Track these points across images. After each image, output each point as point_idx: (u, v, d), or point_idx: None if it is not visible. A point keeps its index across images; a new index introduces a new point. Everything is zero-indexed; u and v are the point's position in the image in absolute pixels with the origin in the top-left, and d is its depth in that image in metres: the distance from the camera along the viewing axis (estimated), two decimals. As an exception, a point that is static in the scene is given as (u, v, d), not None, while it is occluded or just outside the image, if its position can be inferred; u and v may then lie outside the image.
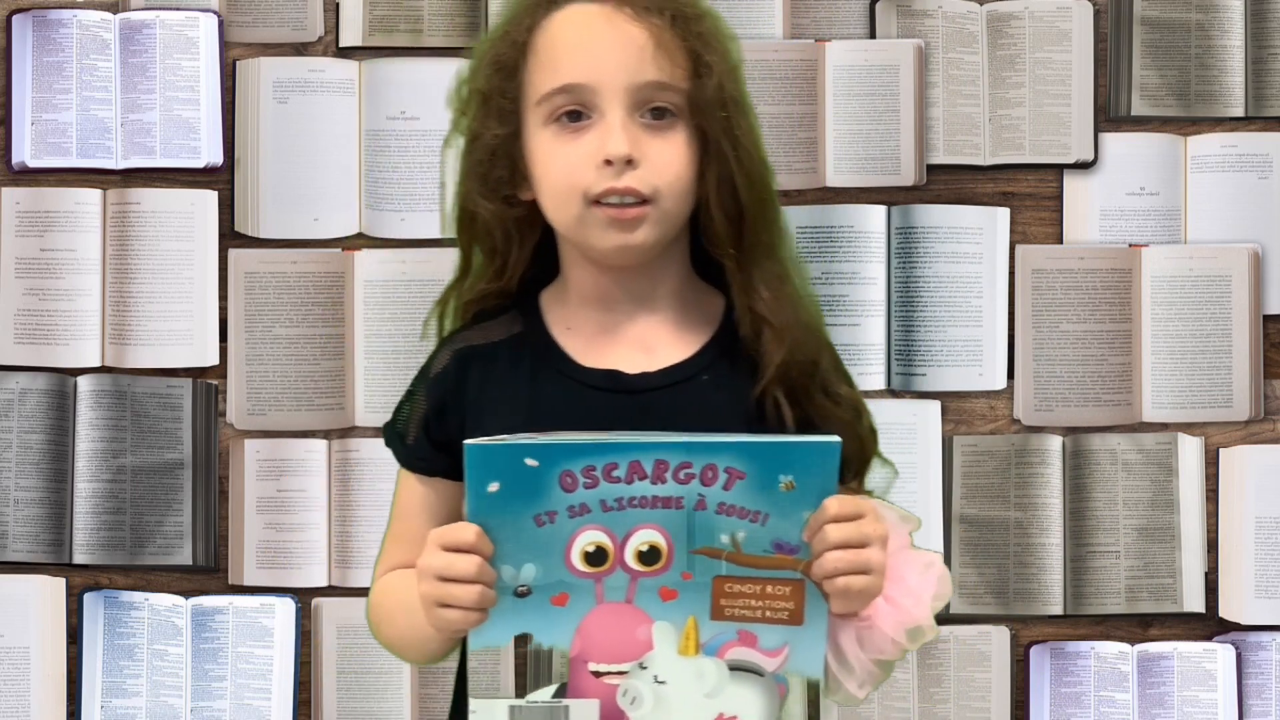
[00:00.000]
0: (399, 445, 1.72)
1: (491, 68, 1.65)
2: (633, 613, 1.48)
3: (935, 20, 2.85)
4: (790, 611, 1.47)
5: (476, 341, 1.69)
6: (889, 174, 2.83)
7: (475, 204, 1.67)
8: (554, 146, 1.61)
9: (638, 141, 1.59)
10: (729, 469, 1.45)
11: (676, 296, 1.67)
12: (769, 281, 1.64)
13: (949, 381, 2.84)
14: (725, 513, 1.46)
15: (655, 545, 1.47)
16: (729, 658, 1.48)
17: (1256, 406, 2.85)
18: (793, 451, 1.46)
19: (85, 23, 2.82)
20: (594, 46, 1.60)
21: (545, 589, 1.47)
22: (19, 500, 2.79)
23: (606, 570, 1.47)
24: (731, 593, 1.47)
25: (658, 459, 1.45)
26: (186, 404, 2.81)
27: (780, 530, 1.46)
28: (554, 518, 1.46)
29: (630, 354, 1.64)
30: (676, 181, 1.60)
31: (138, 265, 2.82)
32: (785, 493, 1.45)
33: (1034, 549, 2.83)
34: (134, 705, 2.79)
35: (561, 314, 1.68)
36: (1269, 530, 2.84)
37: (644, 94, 1.59)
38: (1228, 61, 2.86)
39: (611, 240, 1.60)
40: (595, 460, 1.45)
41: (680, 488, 1.46)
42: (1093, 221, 2.86)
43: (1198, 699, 2.82)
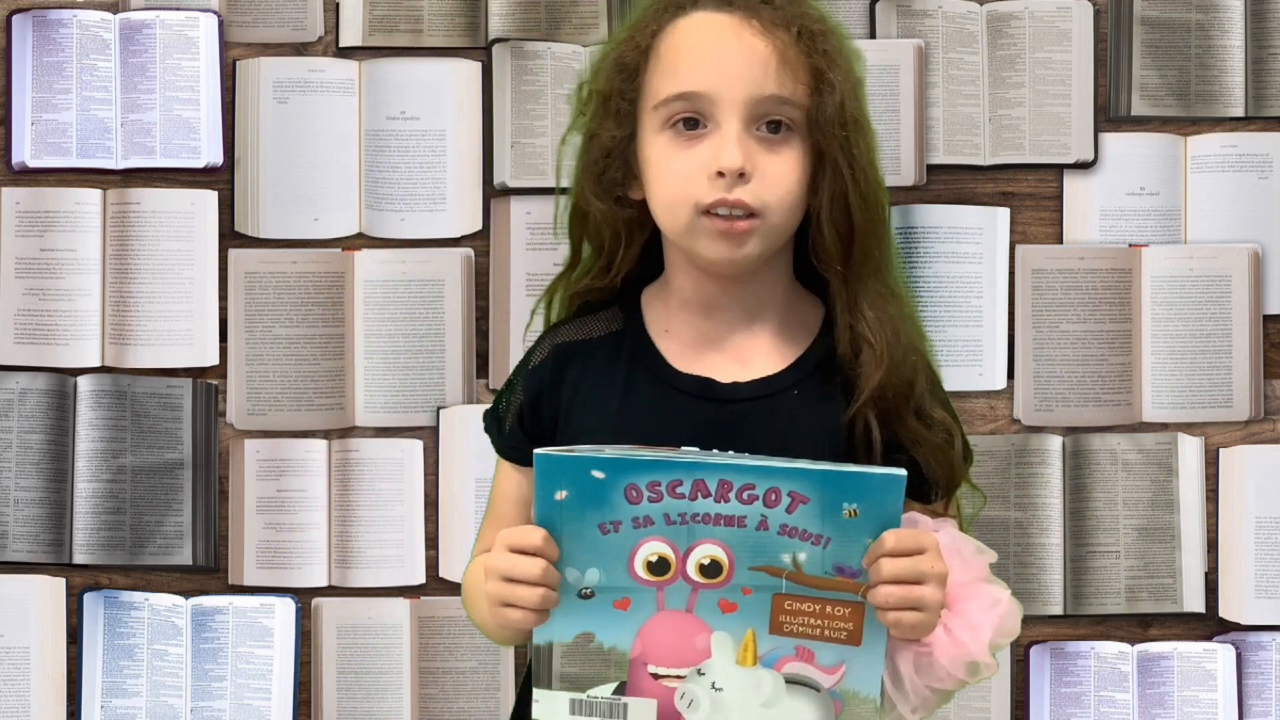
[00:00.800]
0: (495, 433, 1.75)
1: (613, 69, 1.66)
2: (693, 621, 1.51)
3: (935, 20, 2.85)
4: (849, 632, 1.50)
5: (576, 336, 1.71)
6: (889, 174, 2.83)
7: (588, 202, 1.68)
8: (668, 153, 1.62)
9: (751, 155, 1.59)
10: (792, 493, 1.48)
11: (777, 307, 1.68)
12: (874, 301, 1.64)
13: (949, 381, 2.81)
14: (787, 534, 1.49)
15: (717, 559, 1.50)
16: (786, 671, 1.51)
17: (1256, 406, 2.85)
18: (858, 481, 1.48)
19: (85, 23, 2.82)
20: (717, 56, 1.61)
21: (608, 593, 1.52)
22: (19, 500, 2.79)
23: (669, 580, 1.51)
24: (791, 610, 1.50)
25: (722, 479, 1.49)
26: (186, 404, 2.81)
27: (842, 554, 1.49)
28: (618, 527, 1.51)
29: (725, 363, 1.66)
30: (787, 197, 1.60)
31: (138, 265, 2.81)
32: (848, 519, 1.48)
33: (1034, 549, 2.83)
34: (134, 705, 2.79)
35: (662, 315, 1.69)
36: (1269, 530, 2.84)
37: (762, 108, 1.60)
38: (1228, 61, 2.86)
39: (718, 252, 1.61)
40: (660, 476, 1.49)
41: (743, 507, 1.49)
42: (1093, 221, 2.86)
43: (1198, 699, 2.82)
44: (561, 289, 1.74)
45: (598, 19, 2.83)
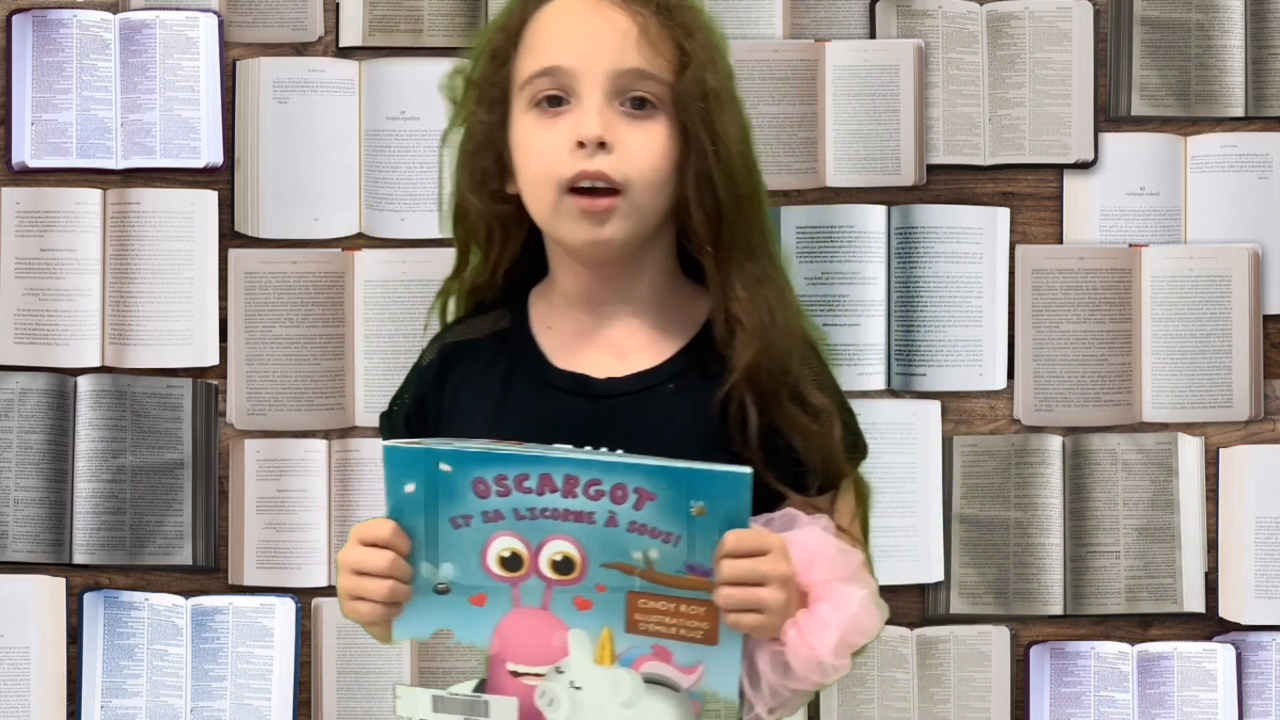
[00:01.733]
0: (386, 433, 1.74)
1: (485, 58, 1.67)
2: (548, 619, 1.50)
3: (935, 20, 2.86)
4: (704, 631, 1.49)
5: (463, 337, 1.71)
6: (889, 174, 2.83)
7: (464, 198, 1.68)
8: (532, 130, 1.61)
9: (613, 127, 1.58)
10: (638, 489, 1.46)
11: (657, 299, 1.66)
12: (746, 282, 1.62)
13: (949, 381, 2.84)
14: (637, 531, 1.47)
15: (568, 556, 1.49)
16: (644, 670, 1.50)
17: (1256, 406, 2.85)
18: (702, 478, 1.46)
19: (85, 23, 2.82)
20: (578, 31, 1.61)
21: (464, 589, 1.51)
22: (19, 500, 2.79)
23: (522, 576, 1.50)
24: (645, 608, 1.49)
25: (567, 474, 1.47)
26: (186, 404, 2.81)
27: (693, 552, 1.47)
28: (469, 521, 1.50)
29: (603, 358, 1.65)
30: (650, 173, 1.59)
31: (138, 265, 2.82)
32: (697, 517, 1.47)
33: (1034, 549, 2.83)
34: (134, 705, 2.79)
35: (546, 312, 1.68)
36: (1269, 530, 2.84)
37: (624, 81, 1.59)
38: (1228, 61, 2.86)
39: (582, 233, 1.60)
40: (506, 470, 1.48)
41: (591, 503, 1.47)
42: (1093, 221, 2.86)
43: (1198, 699, 2.82)
44: (453, 291, 1.73)
45: (598, 19, 2.83)
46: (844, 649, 1.54)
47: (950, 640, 2.83)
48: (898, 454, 2.82)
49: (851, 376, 2.81)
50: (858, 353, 2.82)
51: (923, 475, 2.82)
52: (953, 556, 2.83)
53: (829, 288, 2.82)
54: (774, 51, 2.84)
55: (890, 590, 2.83)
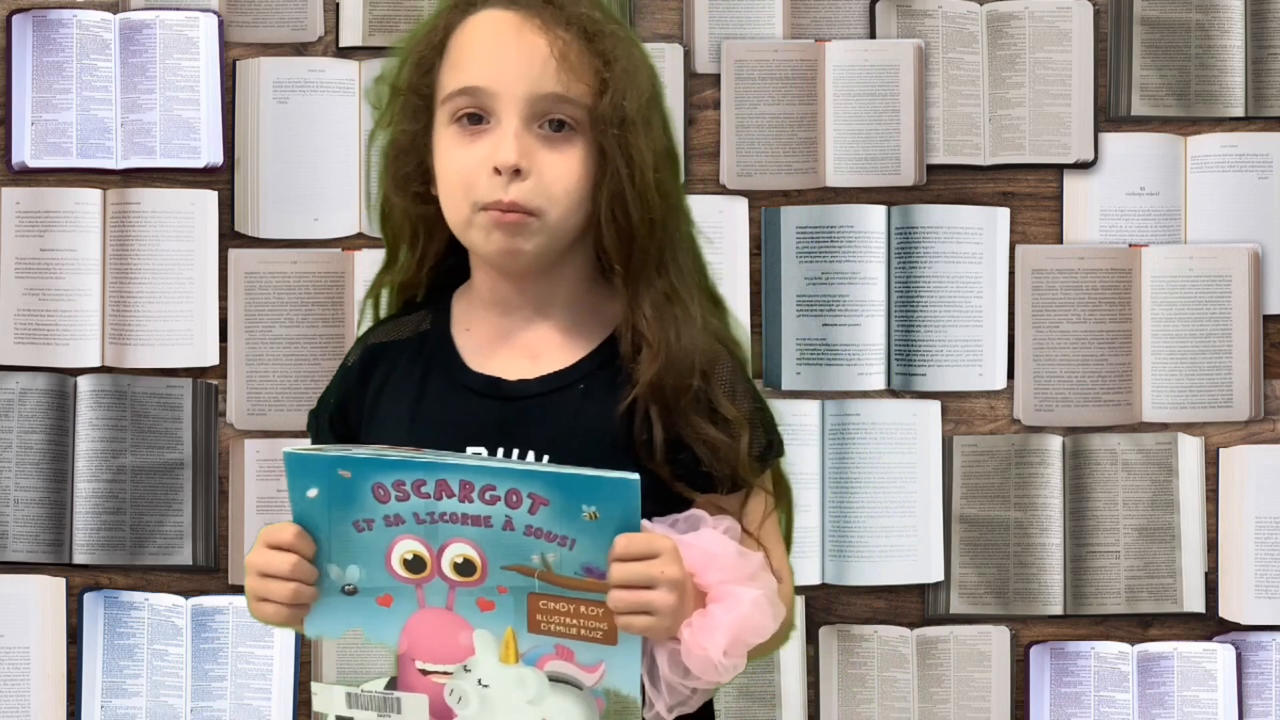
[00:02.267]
0: (313, 434, 1.77)
1: (409, 65, 1.69)
2: (454, 619, 1.55)
3: (935, 20, 2.86)
4: (604, 631, 1.53)
5: (386, 338, 1.74)
6: (889, 174, 2.83)
7: (388, 198, 1.72)
8: (451, 146, 1.64)
9: (530, 152, 1.61)
10: (532, 494, 1.50)
11: (571, 304, 1.69)
12: (654, 300, 1.65)
13: (949, 381, 2.84)
14: (533, 535, 1.51)
15: (469, 558, 1.53)
16: (548, 669, 1.54)
17: (1256, 406, 2.85)
18: (592, 484, 1.50)
19: (85, 23, 2.82)
20: (498, 53, 1.63)
21: (371, 590, 1.55)
22: (19, 500, 2.79)
23: (426, 577, 1.54)
24: (546, 609, 1.53)
25: (463, 479, 1.51)
26: (186, 404, 2.81)
27: (589, 555, 1.51)
28: (371, 525, 1.54)
29: (516, 359, 1.68)
30: (564, 197, 1.62)
31: (138, 265, 2.82)
32: (589, 521, 1.50)
33: (1034, 549, 2.83)
34: (134, 705, 2.79)
35: (464, 314, 1.72)
36: (1269, 530, 2.84)
37: (542, 105, 1.61)
38: (1228, 61, 2.86)
39: (495, 244, 1.63)
40: (404, 476, 1.52)
41: (487, 508, 1.51)
42: (1093, 221, 2.86)
43: (1198, 699, 2.82)
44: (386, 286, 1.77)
45: (598, 19, 2.83)
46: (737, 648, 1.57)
47: (950, 640, 2.83)
48: (898, 454, 2.82)
49: (851, 376, 2.82)
50: (858, 353, 2.82)
51: (923, 475, 2.82)
52: (953, 556, 2.83)
53: (829, 288, 2.82)
54: (774, 51, 2.84)
55: (890, 590, 2.84)
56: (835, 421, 2.82)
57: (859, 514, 2.81)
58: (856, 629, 2.82)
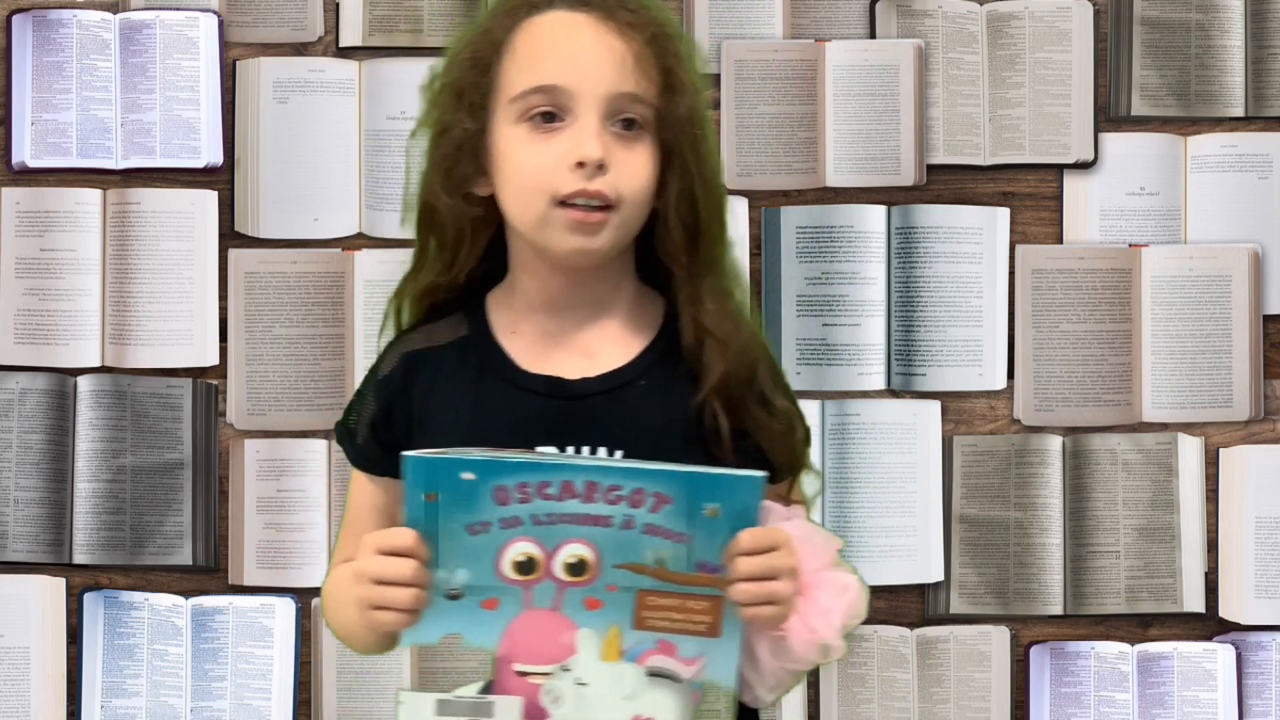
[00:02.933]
0: (349, 445, 1.77)
1: (467, 63, 1.69)
2: (558, 619, 1.54)
3: (935, 20, 2.86)
4: (708, 624, 1.54)
5: (423, 345, 1.73)
6: (889, 174, 2.83)
7: (436, 197, 1.70)
8: (524, 145, 1.64)
9: (609, 148, 1.63)
10: (657, 494, 1.51)
11: (622, 301, 1.71)
12: (715, 295, 1.69)
13: (949, 381, 2.84)
14: (652, 533, 1.52)
15: (583, 559, 1.53)
16: (648, 665, 1.54)
17: (1256, 406, 2.85)
18: (719, 482, 1.53)
19: (85, 23, 2.82)
20: (577, 51, 1.65)
21: (476, 593, 1.54)
22: (19, 500, 2.79)
23: (535, 579, 1.53)
24: (653, 605, 1.53)
25: (589, 480, 1.52)
26: (186, 404, 2.81)
27: (703, 551, 1.53)
28: (487, 528, 1.53)
29: (573, 359, 1.68)
30: (640, 191, 1.65)
31: (138, 265, 2.82)
32: (710, 518, 1.52)
33: (1034, 549, 2.83)
34: (134, 705, 2.79)
35: (508, 317, 1.71)
36: (1269, 530, 2.84)
37: (618, 104, 1.64)
38: (1228, 61, 2.86)
39: (571, 243, 1.64)
40: (529, 478, 1.52)
41: (610, 508, 1.52)
42: (1093, 221, 2.86)
43: (1198, 699, 2.82)
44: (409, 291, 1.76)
45: (598, 19, 2.83)
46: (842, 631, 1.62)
47: (950, 640, 2.83)
48: (898, 454, 2.82)
49: (851, 376, 2.82)
50: (858, 353, 2.82)
51: (923, 475, 2.82)
52: (953, 556, 2.83)
53: (829, 288, 2.82)
54: (774, 51, 2.84)
55: (890, 590, 2.84)
56: (835, 421, 2.82)
57: (859, 514, 2.82)
58: (857, 629, 2.82)
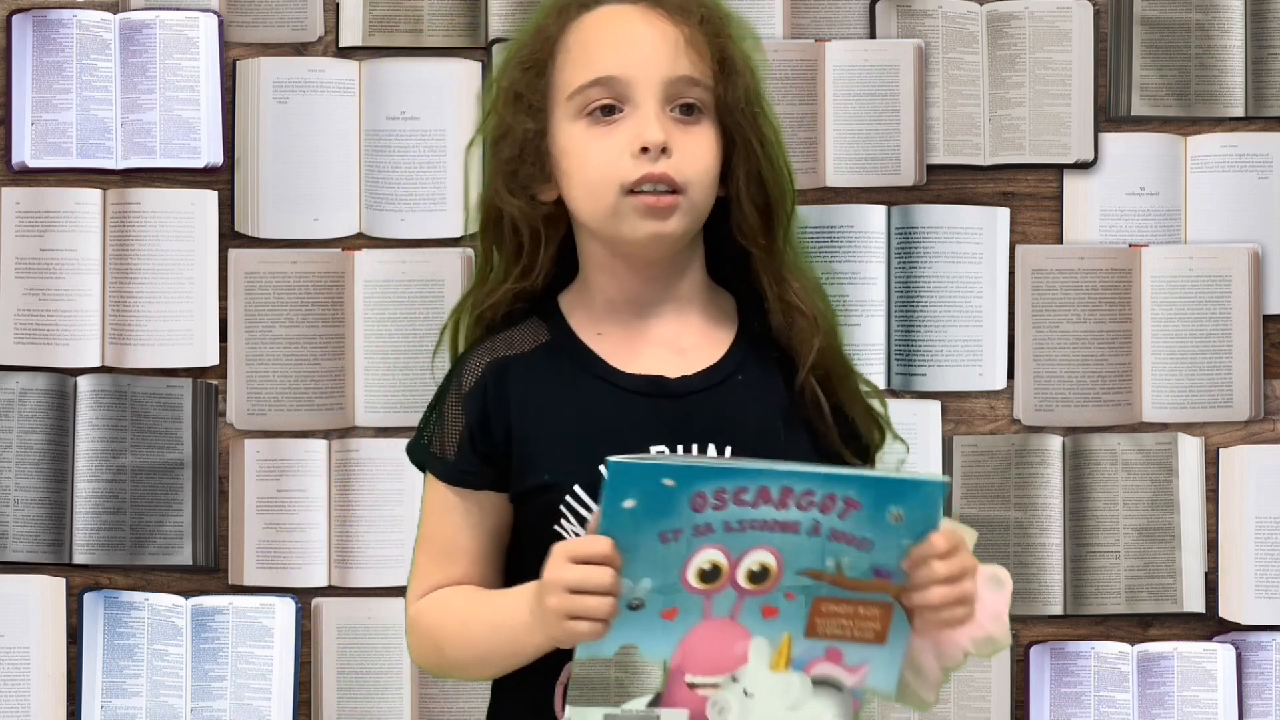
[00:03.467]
0: (439, 464, 1.69)
1: (522, 65, 1.68)
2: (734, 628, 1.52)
3: (935, 20, 2.86)
4: (876, 631, 1.53)
5: (507, 353, 1.69)
6: (889, 174, 2.83)
7: (503, 202, 1.68)
8: (587, 139, 1.64)
9: (670, 132, 1.62)
10: (847, 499, 1.50)
11: (699, 297, 1.70)
12: (796, 272, 1.70)
13: (949, 381, 2.84)
14: (837, 539, 1.50)
15: (766, 565, 1.51)
16: (814, 673, 1.53)
17: (1256, 406, 2.85)
18: (906, 487, 1.51)
19: (85, 23, 2.82)
20: (629, 41, 1.64)
21: (658, 603, 1.51)
22: (19, 500, 2.79)
23: (718, 587, 1.51)
24: (827, 612, 1.52)
25: (784, 486, 1.49)
26: (186, 404, 2.81)
27: (881, 557, 1.51)
28: (679, 535, 1.50)
29: (664, 356, 1.67)
30: (706, 174, 1.64)
31: (138, 265, 2.82)
32: (893, 524, 1.51)
33: (1034, 549, 2.83)
34: (134, 705, 2.79)
35: (588, 319, 1.69)
36: (1269, 530, 2.84)
37: (676, 88, 1.63)
38: (1228, 61, 2.86)
39: (645, 229, 1.62)
40: (727, 484, 1.49)
41: (800, 514, 1.50)
42: (1093, 221, 2.86)
43: (1198, 699, 2.82)
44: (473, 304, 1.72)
45: (598, 19, 2.83)
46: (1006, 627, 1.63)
47: (950, 640, 2.83)
48: (898, 453, 2.82)
49: (851, 376, 2.81)
50: (858, 353, 2.81)
51: (923, 475, 2.82)
52: (953, 556, 2.83)
53: (829, 288, 2.81)
54: (774, 51, 2.83)
55: (890, 590, 2.83)
56: (835, 421, 2.82)
57: (859, 514, 2.81)
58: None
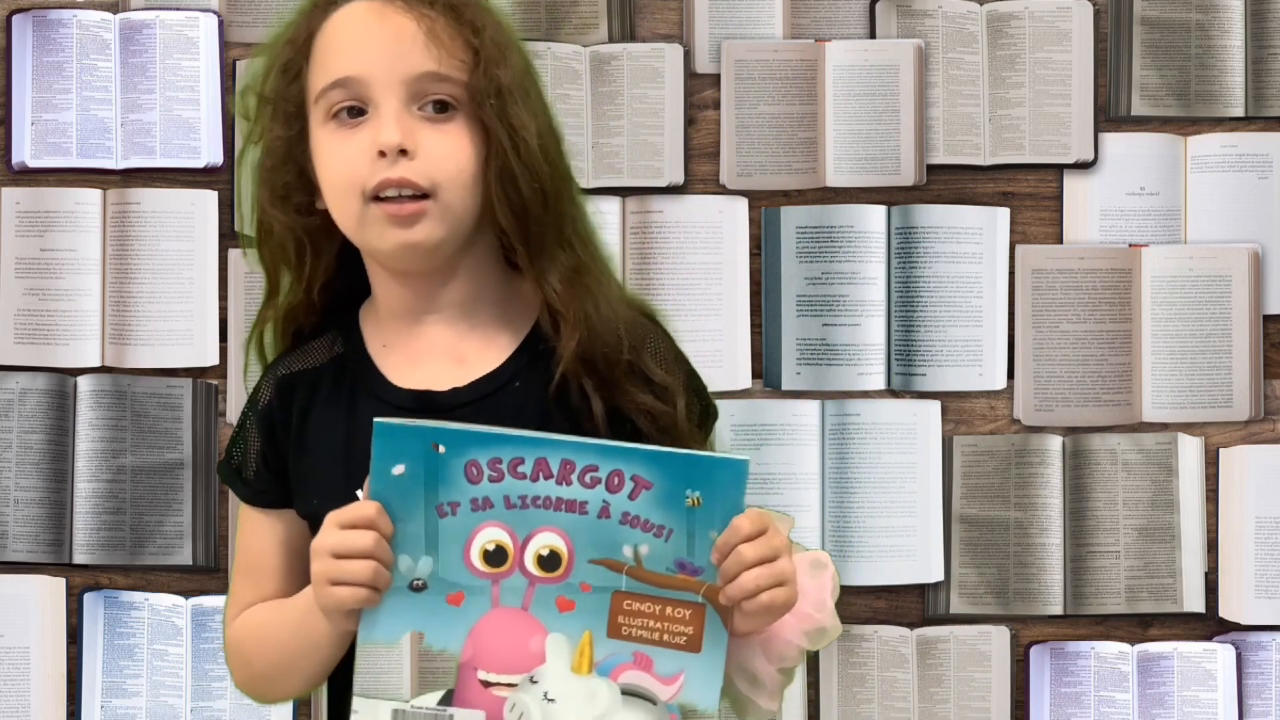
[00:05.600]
0: (238, 483, 1.68)
1: (275, 73, 1.64)
2: (527, 621, 1.44)
3: (935, 20, 2.85)
4: (688, 637, 1.44)
5: (298, 367, 1.66)
6: (889, 174, 2.83)
7: (265, 215, 1.64)
8: (331, 142, 1.58)
9: (413, 133, 1.56)
10: (635, 477, 1.43)
11: (484, 299, 1.63)
12: (562, 273, 1.60)
13: (949, 381, 2.84)
14: (629, 523, 1.43)
15: (556, 550, 1.44)
16: (622, 681, 1.45)
17: (1256, 406, 2.85)
18: (703, 465, 1.43)
19: (85, 23, 2.82)
20: (365, 40, 1.58)
21: (441, 586, 1.45)
22: (19, 500, 2.79)
23: (505, 572, 1.44)
24: (630, 610, 1.44)
25: (565, 458, 1.43)
26: (186, 404, 2.81)
27: (683, 549, 1.43)
28: (456, 509, 1.44)
29: (443, 368, 1.61)
30: (457, 174, 1.57)
31: (138, 265, 2.82)
32: (691, 508, 1.43)
33: (1034, 549, 2.83)
34: (134, 705, 2.79)
35: (377, 331, 1.65)
36: (1269, 530, 2.84)
37: (419, 86, 1.57)
38: (1228, 61, 2.86)
39: (391, 238, 1.56)
40: (502, 452, 1.43)
41: (586, 491, 1.43)
42: (1093, 221, 2.86)
43: (1198, 699, 2.82)
44: (270, 319, 1.68)
45: (598, 19, 2.83)
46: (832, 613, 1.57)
47: (950, 640, 2.83)
48: (898, 454, 2.82)
49: (851, 376, 2.81)
50: (858, 353, 2.81)
51: (923, 475, 2.82)
52: (953, 556, 2.83)
53: (829, 288, 2.82)
54: (774, 51, 2.84)
55: (890, 590, 2.84)
56: (835, 421, 2.82)
57: (859, 514, 2.81)
58: (856, 629, 2.82)
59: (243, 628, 1.66)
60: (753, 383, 2.82)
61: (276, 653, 1.61)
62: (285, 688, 1.65)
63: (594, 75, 2.82)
